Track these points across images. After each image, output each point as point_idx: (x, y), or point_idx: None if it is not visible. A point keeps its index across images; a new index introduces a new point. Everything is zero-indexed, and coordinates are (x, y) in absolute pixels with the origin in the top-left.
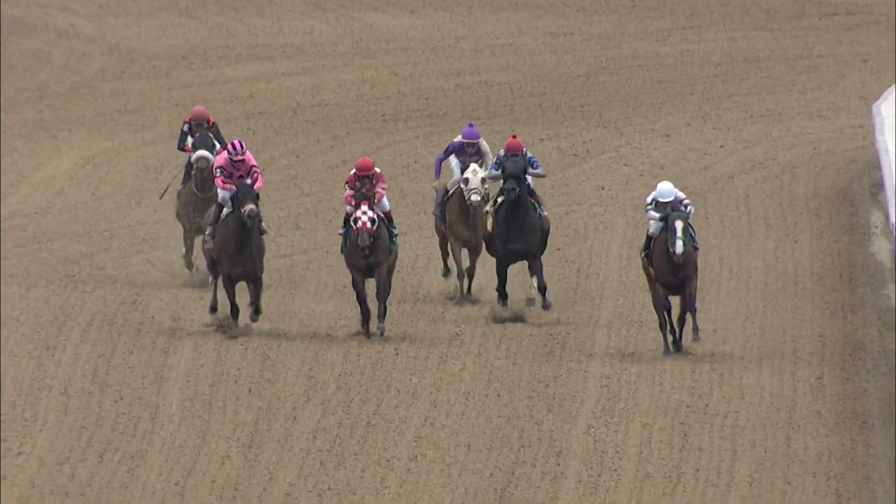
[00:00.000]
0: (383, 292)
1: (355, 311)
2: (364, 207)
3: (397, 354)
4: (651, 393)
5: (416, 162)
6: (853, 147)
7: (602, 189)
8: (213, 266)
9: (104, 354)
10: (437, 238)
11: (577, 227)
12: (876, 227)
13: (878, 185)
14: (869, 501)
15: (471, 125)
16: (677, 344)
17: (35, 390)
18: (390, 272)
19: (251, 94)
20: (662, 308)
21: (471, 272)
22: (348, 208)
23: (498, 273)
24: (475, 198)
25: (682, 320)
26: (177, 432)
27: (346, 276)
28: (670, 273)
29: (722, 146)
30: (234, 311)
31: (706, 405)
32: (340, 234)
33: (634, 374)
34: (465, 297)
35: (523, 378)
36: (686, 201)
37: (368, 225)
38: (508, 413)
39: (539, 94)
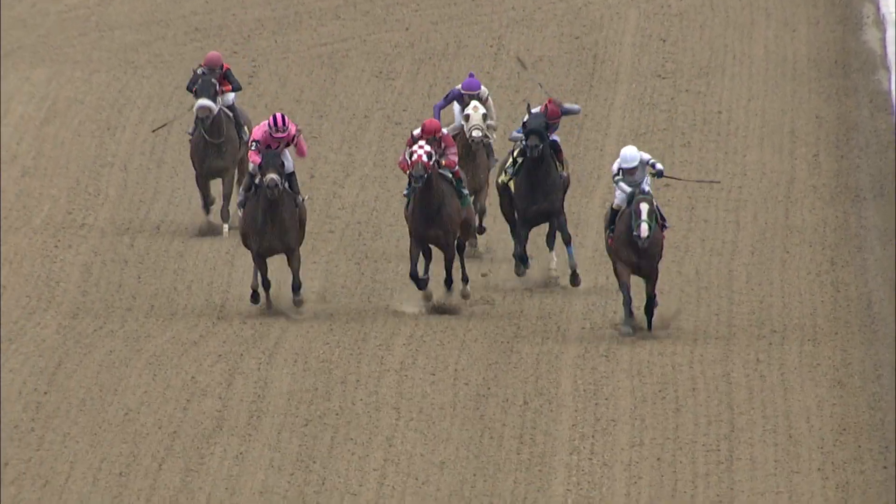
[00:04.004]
0: (450, 260)
1: (389, 94)
2: (421, 142)
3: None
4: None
5: None
6: None
7: None
8: (245, 240)
9: (161, 134)
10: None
11: (594, 17)
12: (868, 17)
13: None
14: (860, 269)
15: (471, 75)
16: (630, 317)
17: (97, 167)
18: (466, 233)
19: None
20: (624, 286)
21: (480, 211)
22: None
23: (518, 236)
24: (476, 133)
25: (647, 310)
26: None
27: (383, 60)
28: (633, 253)
29: None
30: (266, 283)
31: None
32: (405, 194)
33: (649, 151)
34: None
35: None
36: (653, 161)
37: (424, 158)
38: None
39: None
